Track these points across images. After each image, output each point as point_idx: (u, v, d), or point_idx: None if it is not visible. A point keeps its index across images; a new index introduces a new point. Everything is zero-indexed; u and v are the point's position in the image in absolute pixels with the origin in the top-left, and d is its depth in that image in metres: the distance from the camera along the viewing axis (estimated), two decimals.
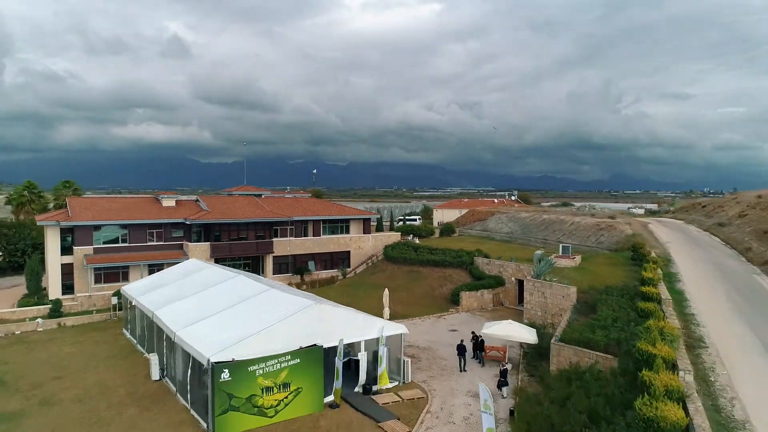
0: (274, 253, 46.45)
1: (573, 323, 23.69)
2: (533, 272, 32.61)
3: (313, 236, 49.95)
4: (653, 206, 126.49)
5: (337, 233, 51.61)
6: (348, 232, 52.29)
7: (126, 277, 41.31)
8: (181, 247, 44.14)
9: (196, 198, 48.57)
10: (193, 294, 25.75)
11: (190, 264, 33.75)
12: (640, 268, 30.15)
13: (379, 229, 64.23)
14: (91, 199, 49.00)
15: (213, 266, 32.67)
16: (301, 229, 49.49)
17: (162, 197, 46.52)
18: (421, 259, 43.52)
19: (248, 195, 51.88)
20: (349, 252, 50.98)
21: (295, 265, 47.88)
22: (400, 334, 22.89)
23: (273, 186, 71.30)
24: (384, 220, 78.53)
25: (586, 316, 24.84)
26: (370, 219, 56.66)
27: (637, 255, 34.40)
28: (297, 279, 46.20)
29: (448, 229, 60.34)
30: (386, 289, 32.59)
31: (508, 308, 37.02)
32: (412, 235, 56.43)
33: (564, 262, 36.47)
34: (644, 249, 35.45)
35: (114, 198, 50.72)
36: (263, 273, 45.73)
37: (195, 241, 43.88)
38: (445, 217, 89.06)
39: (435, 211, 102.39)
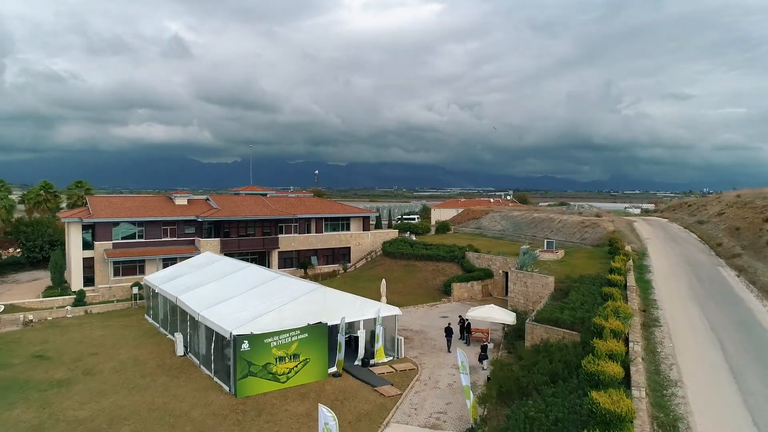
0: (279, 249, 49.71)
1: (547, 306, 26.93)
2: (517, 264, 35.82)
3: (316, 233, 53.19)
4: (650, 206, 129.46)
5: (338, 230, 54.85)
6: (348, 229, 55.53)
7: (142, 270, 44.56)
8: (193, 242, 47.35)
9: (207, 197, 51.81)
10: (212, 281, 28.98)
11: (205, 257, 37.00)
12: (612, 260, 33.32)
13: (378, 226, 67.37)
14: (109, 197, 52.34)
15: (226, 258, 35.93)
16: (304, 226, 52.73)
17: (175, 196, 49.77)
18: (417, 253, 46.78)
19: (254, 194, 55.11)
20: (350, 248, 54.20)
21: (299, 260, 51.09)
22: (394, 316, 26.13)
23: (273, 186, 73.79)
24: (383, 219, 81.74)
25: (560, 302, 28.05)
26: (370, 217, 59.87)
27: (613, 249, 37.59)
28: (301, 273, 49.39)
29: (443, 227, 63.54)
30: (383, 280, 35.78)
31: (496, 298, 40.21)
32: (409, 233, 59.63)
33: (548, 256, 39.73)
34: (619, 244, 38.65)
35: (130, 197, 54.03)
36: (269, 267, 48.87)
37: (206, 237, 47.12)
38: (442, 216, 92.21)
39: (433, 211, 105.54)
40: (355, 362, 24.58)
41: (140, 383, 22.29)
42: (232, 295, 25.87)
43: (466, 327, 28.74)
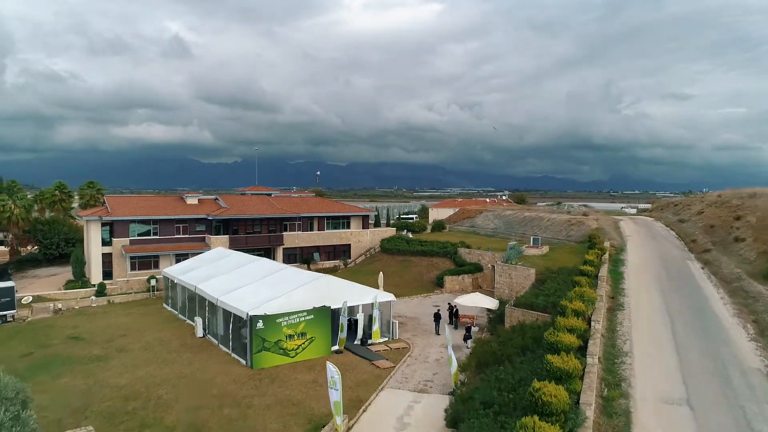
0: (284, 245, 53.04)
1: (525, 294, 30.24)
2: (503, 258, 39.14)
3: (318, 231, 56.53)
4: (648, 206, 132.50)
5: (339, 228, 58.18)
6: (349, 227, 58.87)
7: (156, 265, 47.88)
8: (204, 239, 50.67)
9: (216, 197, 55.17)
10: (226, 272, 32.30)
11: (217, 252, 40.34)
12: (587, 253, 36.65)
13: (377, 225, 70.72)
14: (127, 197, 55.75)
15: (237, 252, 39.25)
16: (307, 224, 56.07)
17: (186, 196, 53.12)
18: (412, 249, 50.12)
19: (260, 194, 58.45)
20: (350, 245, 57.53)
21: (302, 256, 54.42)
22: (390, 301, 29.46)
23: (274, 186, 76.29)
24: (382, 218, 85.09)
25: (537, 289, 31.37)
26: (369, 216, 63.18)
27: (591, 244, 40.90)
28: (304, 268, 52.65)
29: (439, 226, 66.80)
30: (381, 273, 39.09)
31: (485, 290, 43.45)
32: (406, 231, 62.91)
33: (533, 251, 43.13)
34: (598, 240, 41.97)
35: (146, 197, 57.41)
36: None
37: (215, 234, 50.43)
38: (440, 215, 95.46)
39: (431, 210, 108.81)
40: (355, 342, 27.90)
41: (168, 358, 25.60)
42: (245, 283, 29.18)
43: (454, 313, 32.05)
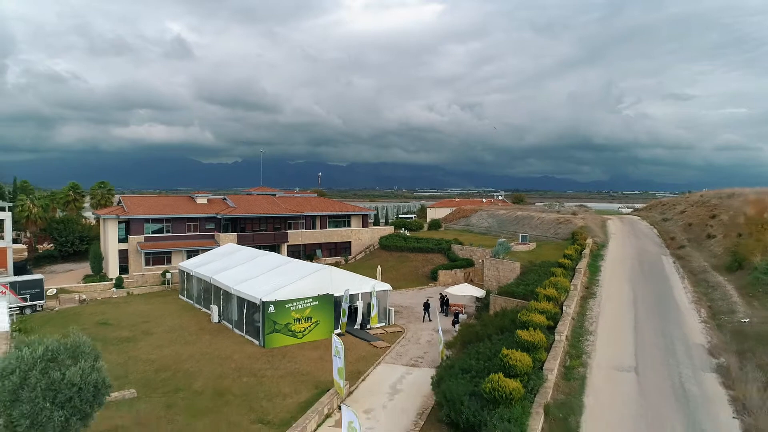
0: (288, 242, 56.31)
1: (508, 284, 33.52)
2: (492, 253, 42.41)
3: (320, 229, 59.81)
4: (643, 206, 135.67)
5: (340, 226, 61.47)
6: (349, 225, 62.16)
7: (169, 261, 51.17)
8: (213, 236, 53.95)
9: (224, 197, 58.48)
10: (238, 265, 35.58)
11: (228, 247, 43.63)
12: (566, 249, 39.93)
13: (377, 224, 74.02)
14: (141, 197, 59.11)
15: (247, 248, 42.52)
16: (310, 222, 59.34)
17: (196, 196, 56.43)
18: (409, 246, 53.43)
19: (265, 194, 61.74)
20: (350, 242, 60.81)
21: (305, 253, 57.68)
22: (386, 290, 32.76)
23: (274, 186, 78.97)
24: (381, 217, 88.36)
25: (518, 279, 34.66)
26: (368, 215, 66.46)
27: (573, 241, 44.20)
28: None
29: (435, 224, 70.12)
30: (379, 266, 42.39)
31: (476, 283, 46.61)
32: (403, 229, 66.19)
33: (520, 248, 46.48)
34: (580, 237, 45.30)
35: (159, 197, 60.77)
36: None
37: (224, 232, 53.70)
38: (437, 214, 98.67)
39: (429, 210, 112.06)
40: (355, 326, 31.18)
41: (189, 339, 28.89)
42: (256, 274, 32.46)
43: (445, 302, 35.34)
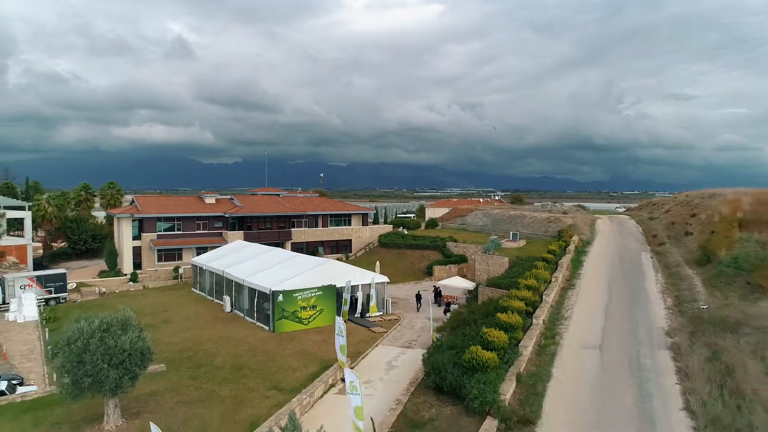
0: (292, 240, 59.35)
1: (495, 276, 36.57)
2: (483, 249, 45.47)
3: (322, 227, 62.86)
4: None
5: (342, 225, 64.52)
6: (350, 224, 65.22)
7: (180, 257, 54.22)
8: (221, 234, 56.99)
9: (231, 197, 61.54)
10: (248, 260, 38.62)
11: (237, 244, 46.71)
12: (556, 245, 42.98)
13: (376, 222, 77.04)
14: (153, 197, 62.21)
15: (255, 244, 45.58)
16: (312, 221, 62.40)
17: (204, 196, 59.50)
18: (406, 243, 56.49)
19: (270, 194, 64.79)
20: (351, 240, 63.86)
21: (308, 250, 60.64)
22: (384, 282, 35.81)
23: (275, 186, 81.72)
24: (380, 217, 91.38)
25: (505, 272, 37.71)
26: (368, 214, 69.51)
27: (559, 237, 47.25)
28: None
29: (432, 223, 73.15)
30: (378, 262, 45.41)
31: (468, 278, 49.71)
32: (401, 227, 69.22)
33: (511, 244, 49.54)
34: (566, 234, 48.34)
35: (170, 197, 63.83)
36: None
37: (231, 230, 56.75)
38: (436, 214, 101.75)
39: (427, 209, 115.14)
40: (356, 314, 34.22)
41: (205, 326, 31.93)
42: (265, 267, 35.49)
43: (438, 293, 38.39)
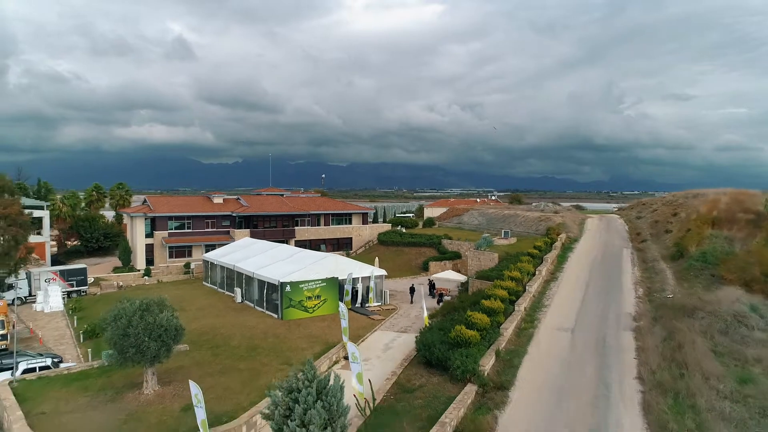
0: (295, 238, 62.47)
1: (485, 270, 39.70)
2: (475, 246, 48.58)
3: (324, 226, 65.99)
4: None
5: (343, 224, 67.64)
6: (351, 223, 68.34)
7: (190, 254, 57.36)
8: (228, 232, 60.11)
9: (238, 197, 64.70)
10: (257, 255, 41.73)
11: (246, 241, 49.83)
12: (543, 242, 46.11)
13: (375, 221, 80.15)
14: (164, 197, 65.46)
15: (262, 241, 48.70)
16: (315, 220, 65.53)
17: (212, 196, 62.66)
18: (404, 241, 59.61)
19: (274, 194, 67.93)
20: (352, 238, 66.99)
21: (311, 247, 63.50)
22: (382, 275, 38.93)
23: (275, 186, 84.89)
24: (380, 216, 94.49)
25: (495, 267, 40.85)
26: (368, 213, 72.62)
27: (547, 235, 50.37)
28: None
29: (429, 222, 76.27)
30: (377, 258, 48.52)
31: (462, 273, 52.90)
32: (400, 226, 72.36)
33: (502, 242, 52.67)
34: (553, 232, 51.49)
35: (180, 197, 67.01)
36: None
37: (238, 228, 59.89)
38: (434, 213, 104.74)
39: (426, 209, 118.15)
40: (356, 305, 37.32)
41: (219, 314, 35.04)
42: (273, 262, 38.59)
43: (432, 285, 41.51)
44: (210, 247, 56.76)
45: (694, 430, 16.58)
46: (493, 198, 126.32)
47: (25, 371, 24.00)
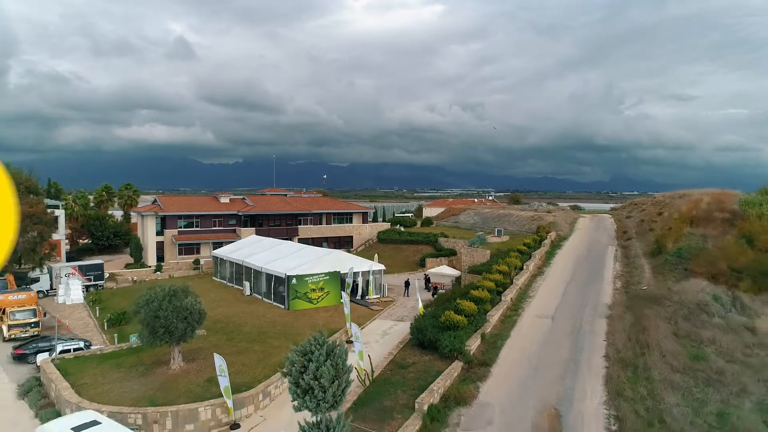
0: (298, 236, 65.35)
1: (477, 265, 42.59)
2: (468, 243, 51.49)
3: (326, 224, 68.88)
4: None
5: (344, 223, 70.55)
6: (351, 222, 71.25)
7: (198, 251, 60.25)
8: (234, 231, 63.00)
9: (243, 197, 67.66)
10: (263, 251, 44.62)
11: (252, 238, 52.75)
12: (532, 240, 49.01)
13: (375, 221, 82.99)
14: (174, 197, 68.43)
15: (268, 238, 51.60)
16: (317, 219, 68.43)
17: (219, 196, 65.62)
18: (403, 239, 62.54)
19: (278, 194, 70.85)
20: (352, 236, 69.89)
21: (313, 245, 66.51)
22: (381, 269, 41.84)
23: (276, 186, 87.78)
24: (380, 216, 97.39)
25: (486, 262, 43.77)
26: (368, 213, 75.57)
27: (537, 233, 53.26)
28: None
29: (427, 221, 79.18)
30: (376, 254, 51.39)
31: (457, 269, 55.75)
32: (399, 225, 75.24)
33: (495, 240, 55.56)
34: (542, 230, 54.39)
35: (189, 197, 69.93)
36: None
37: (244, 227, 62.77)
38: (432, 213, 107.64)
39: (425, 209, 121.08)
40: (356, 297, 40.21)
41: (230, 305, 37.91)
42: (279, 257, 41.48)
43: (427, 279, 44.43)
44: (217, 245, 59.59)
45: (645, 396, 19.48)
46: (490, 198, 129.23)
47: (62, 352, 26.90)
